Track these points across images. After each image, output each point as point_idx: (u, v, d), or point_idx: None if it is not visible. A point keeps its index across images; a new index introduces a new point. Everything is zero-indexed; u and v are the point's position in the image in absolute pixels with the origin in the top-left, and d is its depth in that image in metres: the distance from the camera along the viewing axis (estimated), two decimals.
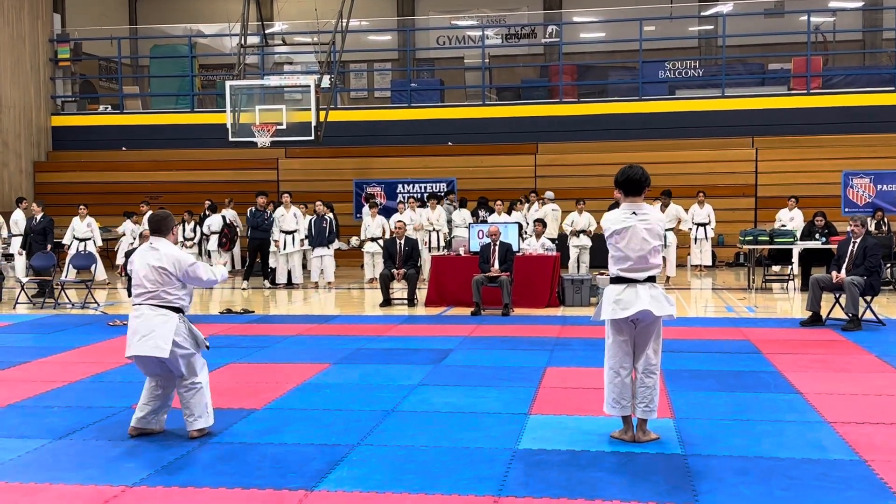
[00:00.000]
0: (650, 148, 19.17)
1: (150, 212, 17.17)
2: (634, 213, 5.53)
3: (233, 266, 18.37)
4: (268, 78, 19.32)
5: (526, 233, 14.93)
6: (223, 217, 17.64)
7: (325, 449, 5.57)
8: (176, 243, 6.17)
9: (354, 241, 17.28)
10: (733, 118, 19.52)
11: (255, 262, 16.26)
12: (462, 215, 17.11)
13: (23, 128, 21.14)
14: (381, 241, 16.17)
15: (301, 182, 19.92)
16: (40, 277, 14.21)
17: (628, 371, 5.60)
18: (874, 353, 8.63)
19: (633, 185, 5.58)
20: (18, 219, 17.05)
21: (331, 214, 16.07)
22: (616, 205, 5.80)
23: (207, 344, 6.03)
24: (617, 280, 5.55)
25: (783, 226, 15.90)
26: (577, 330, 10.39)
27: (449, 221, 17.11)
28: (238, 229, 18.06)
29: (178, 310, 5.89)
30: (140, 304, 5.87)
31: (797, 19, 21.91)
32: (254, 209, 16.09)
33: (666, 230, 13.54)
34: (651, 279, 5.53)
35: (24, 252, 15.90)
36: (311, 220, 15.79)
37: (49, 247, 15.22)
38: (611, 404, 5.64)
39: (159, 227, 6.02)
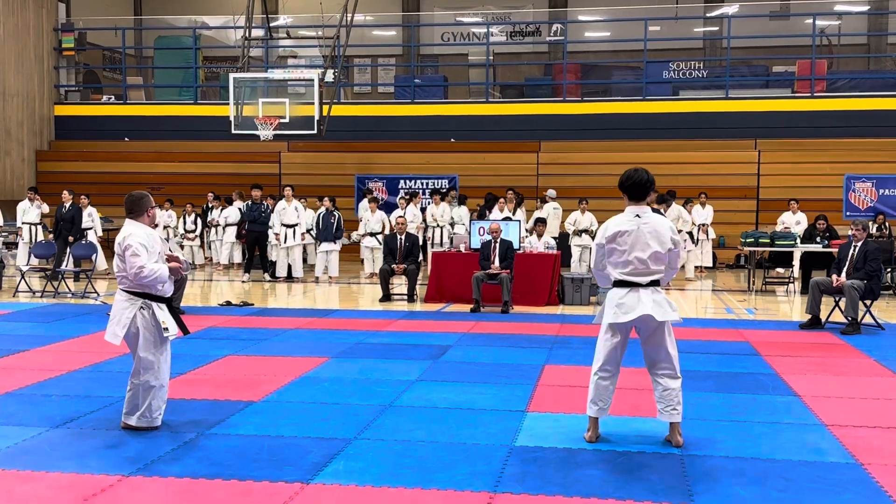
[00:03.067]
0: (653, 148, 19.15)
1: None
2: (638, 216, 5.50)
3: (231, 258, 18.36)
4: (271, 71, 19.30)
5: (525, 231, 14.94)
6: (240, 209, 17.65)
7: (322, 442, 5.58)
8: (154, 225, 6.04)
9: (355, 235, 17.29)
10: (737, 120, 19.51)
11: (255, 256, 16.27)
12: (461, 212, 17.09)
13: (26, 116, 21.13)
14: (380, 237, 16.20)
15: (303, 176, 19.92)
16: (53, 268, 14.24)
17: (611, 374, 5.58)
18: (873, 357, 8.64)
19: (637, 188, 5.54)
20: (25, 208, 17.02)
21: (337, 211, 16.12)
22: None
23: (176, 333, 5.87)
24: (619, 284, 5.52)
25: (787, 228, 15.87)
26: (576, 328, 10.38)
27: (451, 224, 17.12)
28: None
29: (143, 295, 5.75)
30: (118, 290, 5.86)
31: (802, 22, 21.88)
32: (250, 202, 16.10)
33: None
34: (654, 283, 5.49)
35: (55, 240, 15.94)
36: (319, 215, 15.80)
37: (71, 238, 15.37)
38: (589, 404, 5.64)
39: (133, 209, 5.82)
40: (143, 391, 5.78)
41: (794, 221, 16.37)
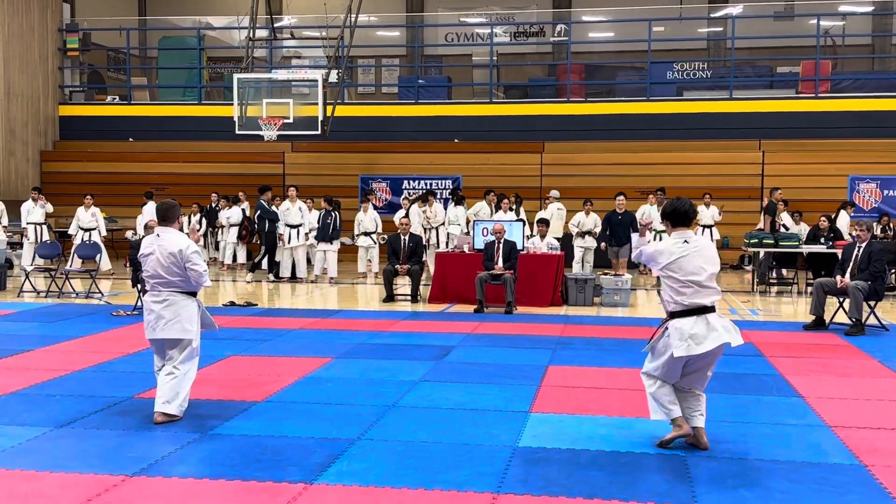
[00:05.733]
0: (657, 149, 19.13)
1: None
2: (686, 241, 5.50)
3: (234, 259, 18.37)
4: (275, 71, 19.31)
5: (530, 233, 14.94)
6: (243, 210, 17.67)
7: (325, 442, 5.58)
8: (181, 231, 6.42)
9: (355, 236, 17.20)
10: (741, 120, 19.47)
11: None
12: (458, 213, 17.09)
13: (30, 116, 21.17)
14: (374, 236, 16.26)
15: (307, 176, 19.92)
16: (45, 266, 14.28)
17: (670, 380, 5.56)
18: (877, 359, 8.62)
19: (680, 217, 5.57)
20: (30, 208, 17.08)
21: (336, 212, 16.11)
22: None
23: (216, 326, 6.58)
24: (683, 313, 5.41)
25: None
26: (580, 329, 10.39)
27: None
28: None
29: (194, 294, 6.25)
30: (160, 290, 6.15)
31: (807, 23, 21.84)
32: (264, 202, 16.12)
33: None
34: (713, 307, 5.48)
35: None
36: (319, 215, 15.84)
37: None
38: (666, 407, 5.50)
39: (166, 216, 6.29)
40: (187, 380, 6.15)
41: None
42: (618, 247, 14.97)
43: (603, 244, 15.31)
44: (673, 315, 5.46)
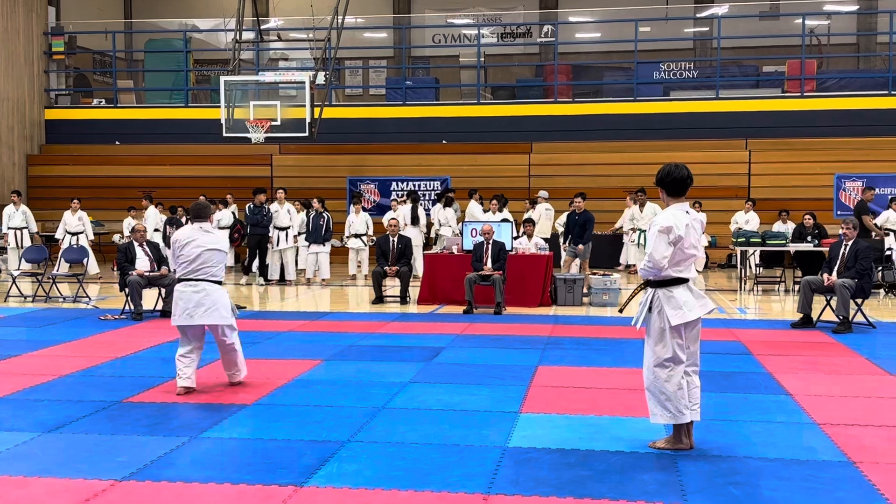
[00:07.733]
0: (644, 149, 19.18)
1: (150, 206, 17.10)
2: (687, 212, 5.44)
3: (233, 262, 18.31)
4: (263, 73, 19.27)
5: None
6: (233, 213, 17.60)
7: (315, 445, 5.58)
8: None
9: (345, 238, 17.24)
10: (727, 120, 19.56)
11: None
12: (447, 214, 17.08)
13: (16, 121, 21.06)
14: (364, 238, 16.22)
15: (295, 178, 19.89)
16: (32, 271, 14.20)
17: (695, 367, 5.47)
18: (864, 356, 8.67)
19: (678, 184, 5.46)
20: (11, 213, 16.99)
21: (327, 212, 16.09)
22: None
23: (237, 313, 7.23)
24: (670, 283, 5.33)
25: (739, 228, 16.21)
26: (569, 329, 10.40)
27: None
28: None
29: (221, 283, 6.99)
30: (198, 280, 6.84)
31: (792, 22, 21.95)
32: (252, 206, 16.08)
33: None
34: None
35: None
36: (309, 217, 15.78)
37: None
38: (680, 411, 5.32)
39: (201, 214, 7.05)
40: (238, 354, 7.10)
41: (744, 221, 16.82)
42: (574, 246, 14.98)
43: (566, 245, 15.35)
44: (658, 284, 5.35)
